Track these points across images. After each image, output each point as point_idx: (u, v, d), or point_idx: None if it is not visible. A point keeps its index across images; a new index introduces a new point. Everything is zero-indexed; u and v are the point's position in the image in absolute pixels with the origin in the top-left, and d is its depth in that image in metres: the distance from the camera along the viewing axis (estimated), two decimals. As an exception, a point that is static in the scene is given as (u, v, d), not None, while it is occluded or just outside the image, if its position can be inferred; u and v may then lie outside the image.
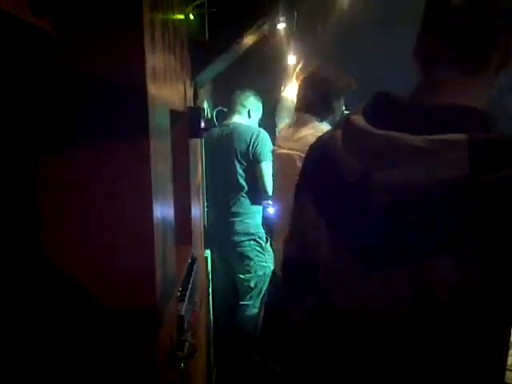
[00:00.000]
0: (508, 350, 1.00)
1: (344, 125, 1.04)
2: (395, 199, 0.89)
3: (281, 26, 3.22)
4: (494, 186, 0.83)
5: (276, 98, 3.74)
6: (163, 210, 1.22)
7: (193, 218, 1.93)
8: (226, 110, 3.16)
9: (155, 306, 1.11)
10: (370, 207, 0.92)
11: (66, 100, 1.04)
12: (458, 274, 0.86)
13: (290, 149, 2.17)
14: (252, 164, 3.02)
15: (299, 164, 2.12)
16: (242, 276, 3.08)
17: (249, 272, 3.07)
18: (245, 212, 3.05)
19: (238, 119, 3.10)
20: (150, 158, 1.07)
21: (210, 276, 2.98)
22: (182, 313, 1.46)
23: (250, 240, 3.05)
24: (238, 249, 3.05)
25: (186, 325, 1.48)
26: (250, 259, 3.05)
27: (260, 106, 3.20)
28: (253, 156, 3.01)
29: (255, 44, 3.31)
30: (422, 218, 0.88)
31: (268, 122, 3.63)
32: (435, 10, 0.97)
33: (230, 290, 3.19)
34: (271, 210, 3.31)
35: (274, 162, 2.43)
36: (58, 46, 1.02)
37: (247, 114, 3.12)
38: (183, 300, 1.50)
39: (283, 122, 3.36)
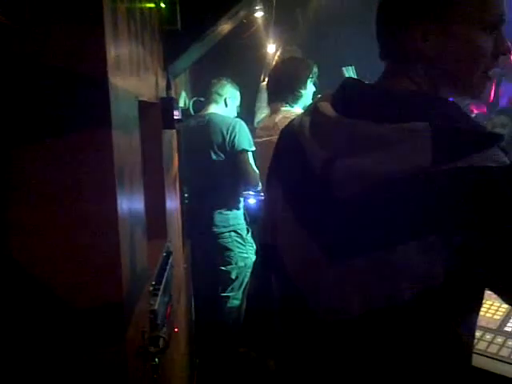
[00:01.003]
0: (474, 335, 1.00)
1: (312, 112, 1.04)
2: (357, 188, 0.89)
3: (259, 15, 3.20)
4: (455, 174, 0.82)
5: (255, 86, 3.71)
6: (130, 204, 1.19)
7: (168, 211, 1.90)
8: (202, 99, 3.11)
9: (122, 302, 1.09)
10: (332, 196, 0.92)
11: (25, 92, 1.00)
12: (421, 262, 0.86)
13: (268, 136, 2.28)
14: (231, 155, 2.99)
15: None
16: (223, 268, 3.07)
17: (230, 263, 3.06)
18: (224, 203, 3.03)
19: (215, 109, 3.06)
20: (112, 150, 1.03)
21: (191, 268, 2.96)
22: (155, 307, 1.43)
23: (230, 231, 3.03)
24: (219, 240, 3.03)
25: (159, 319, 1.46)
26: (231, 250, 3.03)
27: (237, 93, 3.16)
28: (231, 147, 2.98)
29: (233, 32, 3.28)
30: (384, 207, 0.87)
31: (247, 111, 3.60)
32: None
33: (212, 282, 3.17)
34: (252, 201, 3.30)
35: (256, 151, 2.52)
36: (17, 37, 0.98)
37: (224, 103, 3.08)
38: (156, 295, 1.47)
39: (263, 112, 3.33)
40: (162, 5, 1.82)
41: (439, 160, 0.82)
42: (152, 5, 1.75)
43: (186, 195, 2.99)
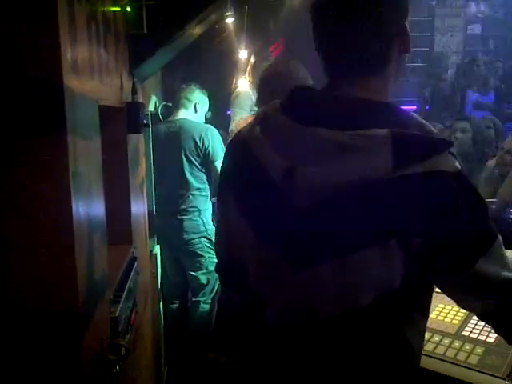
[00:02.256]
0: (423, 338, 1.01)
1: (263, 121, 1.02)
2: (319, 195, 0.89)
3: (230, 21, 3.19)
4: (412, 179, 0.84)
5: (227, 91, 3.70)
6: (88, 210, 1.18)
7: (133, 216, 1.88)
8: (170, 104, 3.09)
9: (78, 310, 1.07)
10: (293, 204, 0.91)
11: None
12: (381, 268, 0.87)
13: None
14: (203, 161, 2.98)
15: None
16: (193, 273, 3.05)
17: (200, 269, 3.04)
18: (194, 209, 3.01)
19: (185, 114, 3.05)
20: (67, 156, 1.02)
21: (160, 274, 2.94)
22: (116, 315, 1.41)
23: (200, 237, 3.01)
24: (189, 246, 3.01)
25: (121, 327, 1.44)
26: (201, 256, 3.01)
27: (206, 100, 3.15)
28: (204, 155, 2.96)
29: (206, 37, 3.27)
30: (345, 214, 0.88)
31: (218, 116, 3.59)
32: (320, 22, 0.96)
33: (182, 288, 3.15)
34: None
35: None
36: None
37: (193, 109, 3.07)
38: (118, 301, 1.45)
39: (239, 116, 3.33)
40: (128, 9, 1.81)
41: (398, 166, 0.84)
42: (117, 8, 1.74)
43: (155, 200, 2.97)
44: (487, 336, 1.34)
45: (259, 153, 0.98)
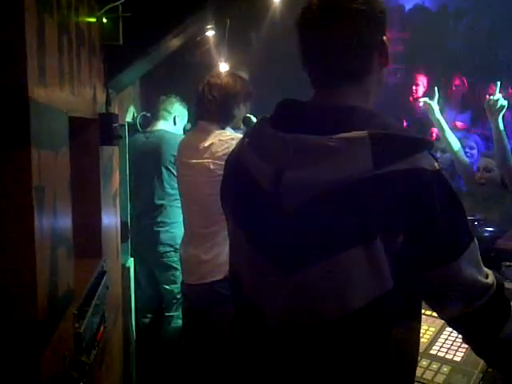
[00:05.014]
0: (417, 342, 1.02)
1: (250, 134, 1.06)
2: (305, 198, 0.91)
3: (210, 34, 3.20)
4: (393, 177, 0.87)
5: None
6: (52, 224, 1.15)
7: (104, 229, 1.85)
8: (149, 115, 3.07)
9: (38, 325, 1.04)
10: (281, 208, 0.94)
11: None
12: (369, 268, 0.89)
13: (200, 158, 2.12)
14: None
15: (211, 172, 2.13)
16: (167, 287, 3.00)
17: (174, 282, 2.99)
18: (171, 222, 2.98)
19: (164, 126, 3.03)
20: (30, 168, 1.00)
21: (133, 287, 2.89)
22: (81, 330, 1.38)
23: (175, 250, 2.97)
24: (164, 259, 2.97)
25: (85, 342, 1.41)
26: (176, 269, 2.97)
27: (185, 112, 3.14)
28: None
29: (186, 49, 3.26)
30: (332, 215, 0.90)
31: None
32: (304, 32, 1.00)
33: (155, 302, 3.10)
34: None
35: (179, 170, 2.35)
36: None
37: (172, 121, 3.06)
38: (83, 316, 1.42)
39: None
40: (104, 20, 1.80)
41: (378, 165, 0.87)
42: (92, 19, 1.73)
43: (131, 212, 2.93)
44: (454, 355, 1.35)
45: (249, 164, 1.01)
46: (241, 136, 2.32)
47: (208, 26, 3.01)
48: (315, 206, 0.91)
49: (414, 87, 4.67)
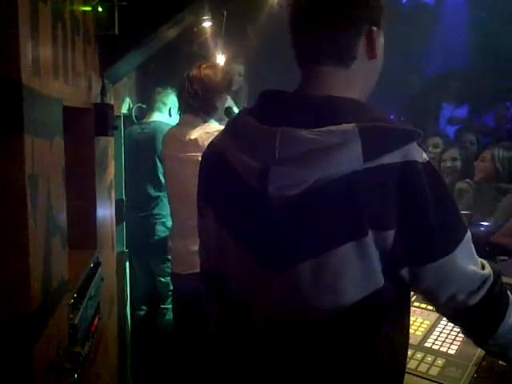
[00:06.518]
0: (407, 336, 1.01)
1: (232, 127, 1.02)
2: (294, 193, 0.89)
3: (207, 24, 3.18)
4: (383, 170, 0.86)
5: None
6: (47, 213, 1.14)
7: (99, 220, 1.84)
8: (144, 106, 3.06)
9: (31, 315, 1.03)
10: (269, 205, 0.91)
11: None
12: (360, 264, 0.88)
13: (186, 151, 2.16)
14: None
15: (198, 165, 2.15)
16: (162, 279, 3.00)
17: (169, 275, 2.99)
18: (167, 214, 2.97)
19: (159, 117, 3.02)
20: (23, 156, 0.99)
21: (130, 279, 2.89)
22: (75, 321, 1.37)
23: (171, 243, 2.97)
24: (159, 252, 2.96)
25: (79, 334, 1.40)
26: (171, 261, 2.97)
27: (181, 104, 3.12)
28: None
29: (183, 40, 3.24)
30: (320, 210, 0.88)
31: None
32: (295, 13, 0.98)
33: (150, 294, 3.10)
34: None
35: (165, 163, 2.37)
36: None
37: (168, 112, 3.04)
38: (77, 308, 1.41)
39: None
40: (100, 9, 1.78)
41: (368, 158, 0.85)
42: (87, 8, 1.71)
43: (126, 204, 2.92)
44: (448, 348, 1.35)
45: (231, 157, 0.97)
46: None
47: (205, 17, 2.99)
48: (304, 201, 0.88)
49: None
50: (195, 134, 2.15)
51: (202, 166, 1.10)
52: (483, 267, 0.95)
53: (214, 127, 2.17)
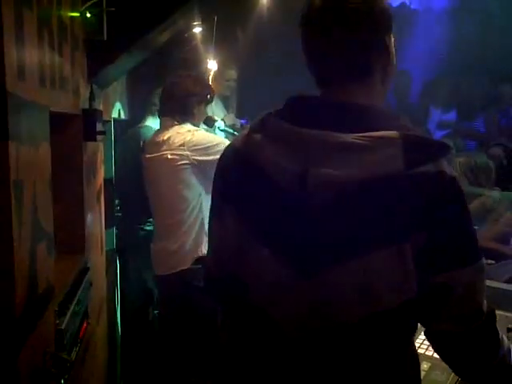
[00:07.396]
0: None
1: (263, 129, 1.00)
2: (332, 196, 0.90)
3: (197, 30, 3.19)
4: (424, 177, 0.88)
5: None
6: (32, 218, 1.14)
7: (88, 225, 1.84)
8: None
9: (16, 321, 1.03)
10: (308, 206, 0.91)
11: None
12: (396, 270, 0.89)
13: (159, 151, 2.28)
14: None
15: (169, 162, 2.23)
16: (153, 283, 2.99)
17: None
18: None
19: (152, 121, 3.01)
20: (8, 162, 0.99)
21: (122, 284, 2.88)
22: (62, 327, 1.37)
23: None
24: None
25: (66, 339, 1.40)
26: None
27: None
28: None
29: (175, 45, 3.24)
30: (359, 214, 0.89)
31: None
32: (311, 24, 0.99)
33: (141, 298, 3.09)
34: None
35: (144, 167, 2.45)
36: None
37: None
38: (64, 313, 1.41)
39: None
40: (88, 14, 1.78)
41: (410, 166, 0.88)
42: (75, 14, 1.71)
43: (118, 208, 2.92)
44: (434, 352, 1.35)
45: (263, 160, 0.96)
46: (198, 129, 2.46)
47: (195, 23, 3.00)
48: (342, 204, 0.89)
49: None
50: (168, 135, 2.29)
51: (219, 167, 1.08)
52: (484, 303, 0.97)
53: (186, 127, 2.31)
